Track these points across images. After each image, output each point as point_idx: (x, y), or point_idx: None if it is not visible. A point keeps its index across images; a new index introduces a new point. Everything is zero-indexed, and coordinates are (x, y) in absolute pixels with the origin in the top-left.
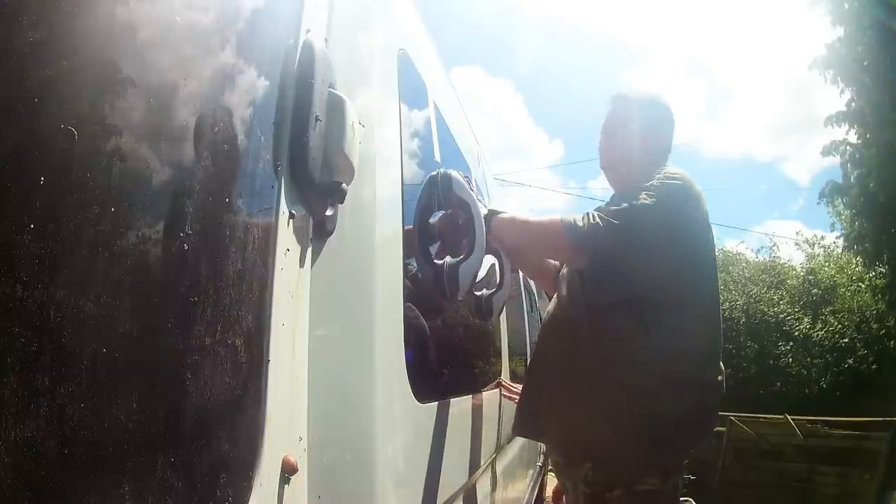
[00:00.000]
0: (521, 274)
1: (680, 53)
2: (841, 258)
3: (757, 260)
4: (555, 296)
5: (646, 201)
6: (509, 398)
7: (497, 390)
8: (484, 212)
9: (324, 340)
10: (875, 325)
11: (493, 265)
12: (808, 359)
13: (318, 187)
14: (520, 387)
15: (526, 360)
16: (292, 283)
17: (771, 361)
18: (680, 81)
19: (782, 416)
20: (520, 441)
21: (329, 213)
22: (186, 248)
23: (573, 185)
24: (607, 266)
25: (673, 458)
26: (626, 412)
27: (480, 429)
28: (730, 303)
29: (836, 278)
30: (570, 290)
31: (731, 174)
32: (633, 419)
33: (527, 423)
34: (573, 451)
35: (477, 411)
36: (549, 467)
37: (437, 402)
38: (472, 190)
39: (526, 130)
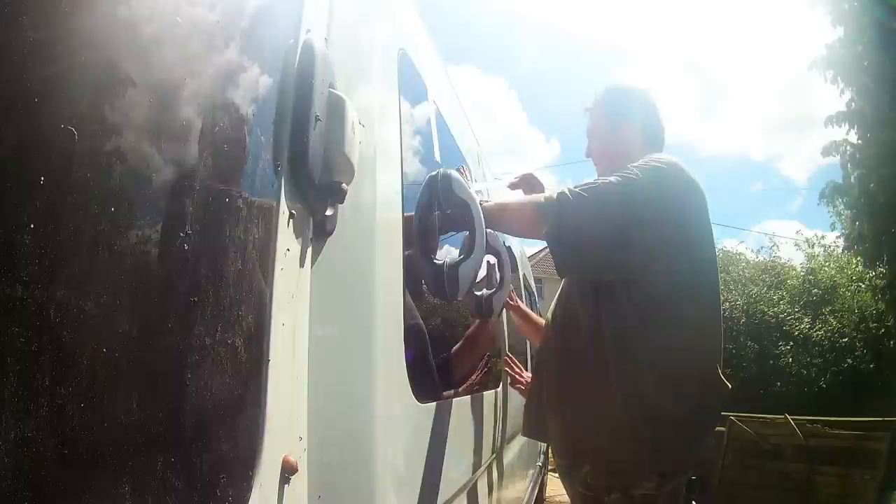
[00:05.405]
0: (521, 273)
1: (677, 52)
2: (841, 258)
3: (757, 260)
4: (556, 296)
5: (619, 179)
6: (512, 378)
7: (498, 390)
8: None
9: (324, 340)
10: (874, 325)
11: (493, 265)
12: (808, 359)
13: (318, 187)
14: (523, 371)
15: (526, 359)
16: (292, 283)
17: (771, 361)
18: (676, 80)
19: (782, 416)
20: (520, 441)
21: (329, 212)
22: (186, 248)
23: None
24: (574, 240)
25: (671, 460)
26: (624, 414)
27: (480, 429)
28: (730, 303)
29: (836, 278)
30: (569, 290)
31: (728, 173)
32: (631, 421)
33: (532, 424)
34: (573, 453)
35: (477, 411)
36: (550, 467)
37: (436, 402)
38: (470, 182)
39: (523, 130)
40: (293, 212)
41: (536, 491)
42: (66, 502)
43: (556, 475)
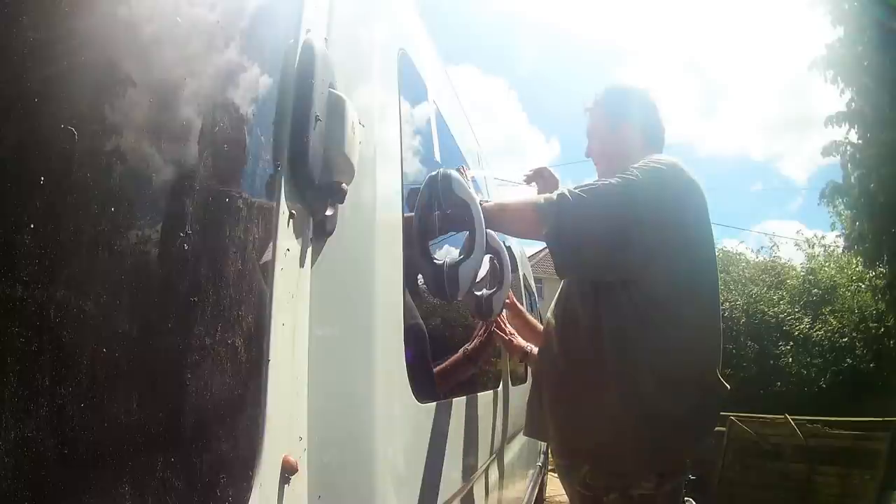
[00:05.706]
0: (521, 273)
1: (677, 52)
2: (841, 258)
3: (757, 260)
4: (556, 297)
5: (619, 180)
6: (496, 326)
7: (498, 390)
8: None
9: (324, 340)
10: (874, 325)
11: (493, 265)
12: (808, 359)
13: (318, 187)
14: (507, 326)
15: None
16: (292, 283)
17: (771, 361)
18: (676, 80)
19: (782, 416)
20: (520, 441)
21: (329, 212)
22: (186, 248)
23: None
24: (573, 240)
25: (670, 460)
26: (624, 414)
27: (481, 429)
28: (730, 303)
29: (836, 278)
30: (569, 290)
31: (728, 173)
32: (631, 421)
33: (533, 423)
34: (572, 453)
35: (477, 411)
36: (550, 467)
37: (436, 402)
38: (471, 181)
39: (523, 130)
40: (293, 212)
41: (536, 491)
42: (66, 502)
43: (556, 475)
